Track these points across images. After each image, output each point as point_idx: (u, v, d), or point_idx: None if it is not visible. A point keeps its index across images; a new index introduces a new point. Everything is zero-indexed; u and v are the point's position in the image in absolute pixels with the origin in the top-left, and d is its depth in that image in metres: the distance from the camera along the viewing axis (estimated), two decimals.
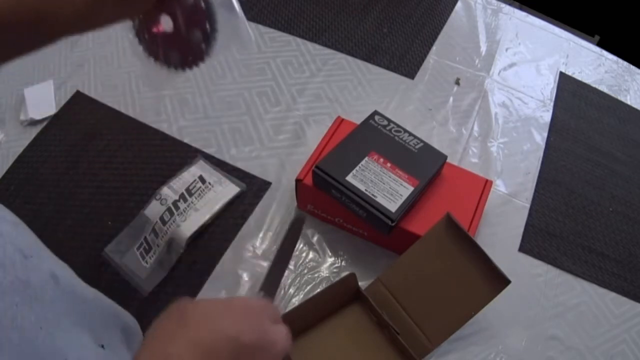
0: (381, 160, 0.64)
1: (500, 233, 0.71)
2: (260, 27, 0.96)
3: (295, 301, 0.63)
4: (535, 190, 0.76)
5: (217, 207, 0.69)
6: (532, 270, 0.68)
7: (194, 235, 0.67)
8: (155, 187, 0.71)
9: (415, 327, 0.58)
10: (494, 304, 0.56)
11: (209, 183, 0.71)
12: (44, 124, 0.80)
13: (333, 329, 0.61)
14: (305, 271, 0.66)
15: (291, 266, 0.66)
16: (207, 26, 0.48)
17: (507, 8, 1.05)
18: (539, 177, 0.78)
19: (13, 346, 0.31)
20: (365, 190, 0.61)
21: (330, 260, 0.67)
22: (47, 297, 0.36)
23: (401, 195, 0.61)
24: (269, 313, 0.39)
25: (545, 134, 0.84)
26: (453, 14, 1.02)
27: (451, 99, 0.87)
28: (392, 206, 0.60)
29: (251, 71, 0.88)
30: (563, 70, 0.94)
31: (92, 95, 0.84)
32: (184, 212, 0.67)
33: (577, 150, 0.82)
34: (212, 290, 0.64)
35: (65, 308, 0.39)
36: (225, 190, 0.71)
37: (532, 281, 0.67)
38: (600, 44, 1.25)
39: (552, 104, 0.88)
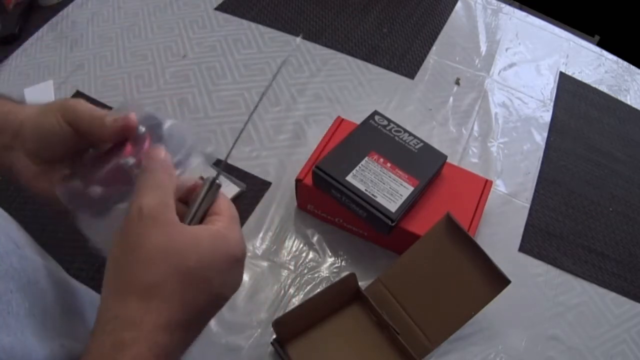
0: (381, 160, 0.64)
1: (500, 233, 0.71)
2: (260, 27, 0.96)
3: (295, 301, 0.63)
4: (535, 190, 0.76)
5: None
6: (532, 270, 0.68)
7: None
8: None
9: (415, 327, 0.58)
10: (494, 304, 0.56)
11: None
12: None
13: (333, 329, 0.60)
14: (305, 271, 0.66)
15: (291, 266, 0.66)
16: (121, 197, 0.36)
17: (507, 8, 1.05)
18: (539, 177, 0.78)
19: (10, 330, 0.31)
20: (365, 190, 0.61)
21: (330, 260, 0.67)
22: (40, 286, 0.37)
23: (401, 195, 0.61)
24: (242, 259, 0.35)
25: (545, 134, 0.84)
26: (453, 14, 1.02)
27: (451, 99, 0.87)
28: (392, 206, 0.60)
29: (251, 71, 0.88)
30: (563, 70, 0.94)
31: (92, 95, 0.84)
32: None
33: (577, 150, 0.82)
34: None
35: (57, 297, 0.39)
36: (225, 190, 0.71)
37: (532, 281, 0.67)
38: (600, 44, 1.25)
39: (552, 104, 0.88)
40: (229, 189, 0.72)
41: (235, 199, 0.72)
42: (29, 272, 0.35)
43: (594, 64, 0.97)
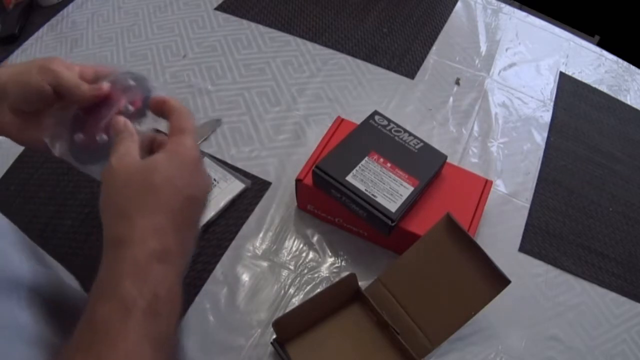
0: (381, 160, 0.64)
1: (500, 233, 0.71)
2: (260, 27, 0.96)
3: (295, 301, 0.63)
4: (535, 190, 0.76)
5: (222, 203, 0.69)
6: (532, 270, 0.68)
7: None
8: None
9: (415, 327, 0.58)
10: (494, 304, 0.56)
11: (214, 179, 0.71)
12: None
13: (333, 329, 0.60)
14: (305, 271, 0.66)
15: (291, 266, 0.66)
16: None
17: (507, 8, 1.05)
18: (539, 177, 0.78)
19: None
20: (365, 190, 0.61)
21: (330, 260, 0.67)
22: (42, 293, 0.37)
23: (401, 195, 0.61)
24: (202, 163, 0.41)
25: (545, 134, 0.84)
26: (453, 14, 1.02)
27: (451, 99, 0.87)
28: (392, 206, 0.60)
29: (251, 71, 0.88)
30: (563, 70, 0.94)
31: None
32: None
33: (577, 150, 0.82)
34: (211, 290, 0.64)
35: (57, 306, 0.40)
36: (230, 187, 0.71)
37: (532, 281, 0.67)
38: (600, 44, 1.25)
39: (552, 104, 0.88)
40: (234, 185, 0.71)
41: (239, 196, 0.71)
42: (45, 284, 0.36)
43: (594, 64, 0.97)
